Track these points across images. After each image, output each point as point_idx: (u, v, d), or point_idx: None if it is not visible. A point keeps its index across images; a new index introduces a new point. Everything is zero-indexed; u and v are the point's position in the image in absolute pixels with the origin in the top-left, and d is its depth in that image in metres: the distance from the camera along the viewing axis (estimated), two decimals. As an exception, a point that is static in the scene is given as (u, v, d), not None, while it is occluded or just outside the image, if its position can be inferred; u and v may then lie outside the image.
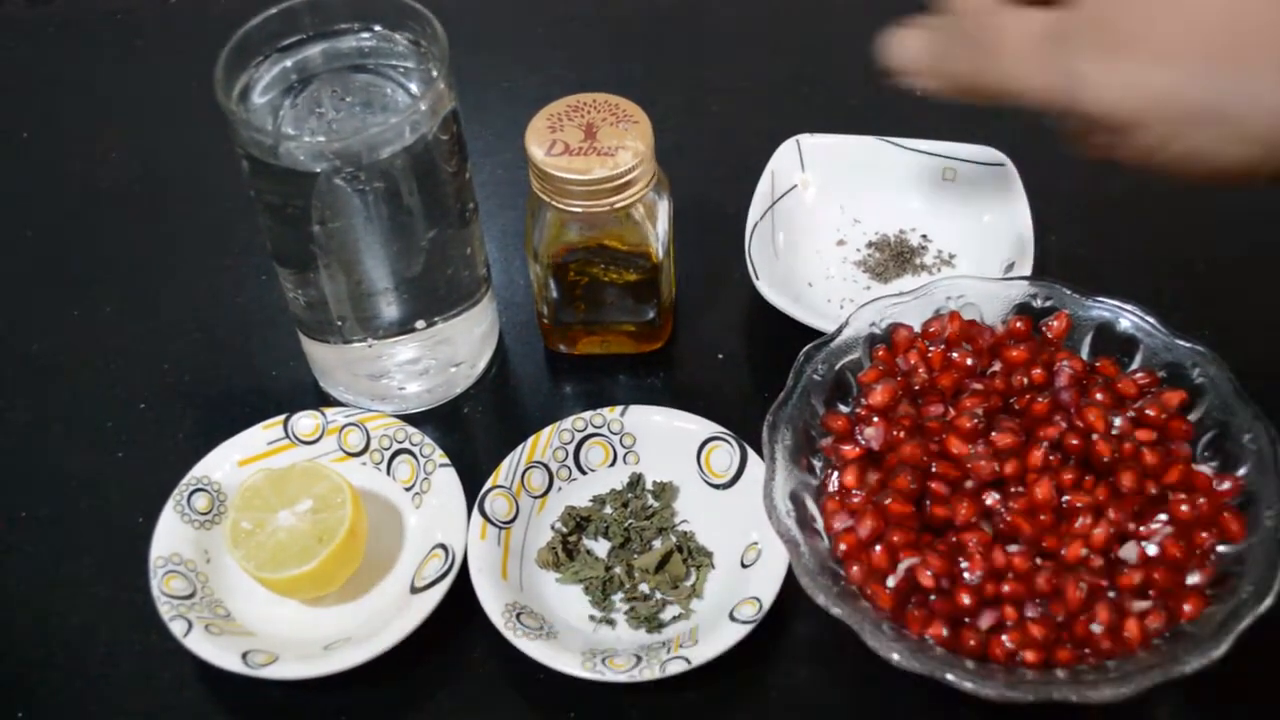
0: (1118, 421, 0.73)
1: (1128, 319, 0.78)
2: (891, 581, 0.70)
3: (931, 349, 0.77)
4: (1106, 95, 0.53)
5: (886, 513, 0.71)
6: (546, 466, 0.81)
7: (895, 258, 0.93)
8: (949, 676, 0.64)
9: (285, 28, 0.76)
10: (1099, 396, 0.74)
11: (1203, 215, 0.95)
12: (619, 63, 1.14)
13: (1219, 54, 0.51)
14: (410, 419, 0.84)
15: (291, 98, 0.76)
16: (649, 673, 0.70)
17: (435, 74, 0.74)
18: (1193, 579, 0.69)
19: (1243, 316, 0.88)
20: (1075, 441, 0.72)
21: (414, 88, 0.76)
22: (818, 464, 0.76)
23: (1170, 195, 0.93)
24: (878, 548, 0.70)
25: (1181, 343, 0.76)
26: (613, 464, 0.82)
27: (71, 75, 1.16)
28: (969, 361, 0.76)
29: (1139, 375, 0.76)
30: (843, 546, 0.71)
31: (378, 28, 0.77)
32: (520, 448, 0.81)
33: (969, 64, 0.59)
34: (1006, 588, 0.68)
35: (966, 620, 0.68)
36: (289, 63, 0.76)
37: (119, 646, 0.77)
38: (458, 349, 0.86)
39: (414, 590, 0.75)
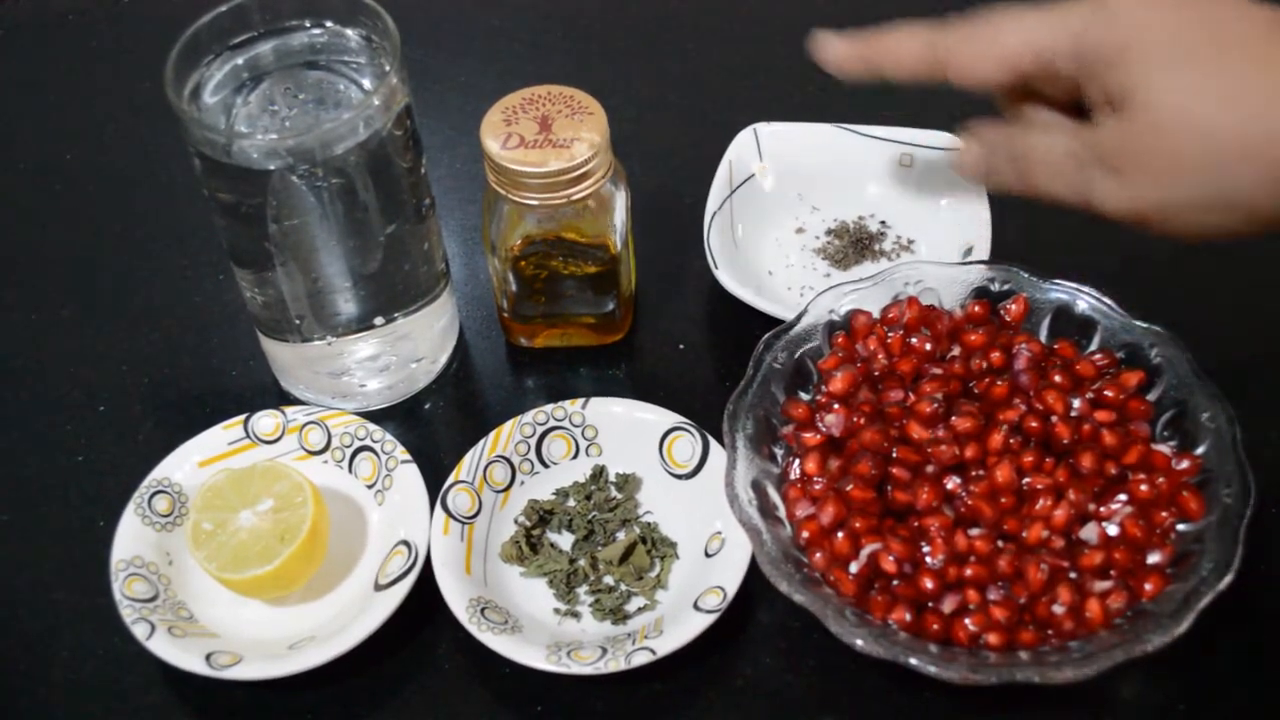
0: (1076, 403, 0.73)
1: (1085, 301, 0.78)
2: (854, 567, 0.70)
3: (891, 335, 0.78)
4: (1114, 205, 0.64)
5: (848, 499, 0.71)
6: (509, 460, 0.81)
7: (854, 244, 0.93)
8: (913, 661, 0.65)
9: (236, 25, 0.75)
10: (1058, 379, 0.74)
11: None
12: (574, 55, 1.14)
13: (1201, 173, 0.59)
14: (371, 416, 0.84)
15: (244, 96, 0.75)
16: (614, 664, 0.70)
17: (388, 69, 0.73)
18: (1153, 558, 0.69)
19: (1200, 297, 0.88)
20: (1035, 424, 0.72)
21: (367, 83, 0.76)
22: (779, 452, 0.76)
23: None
24: (840, 534, 0.70)
25: (1139, 324, 0.77)
26: (575, 456, 0.82)
27: (25, 77, 1.15)
28: (928, 346, 0.76)
29: (1097, 357, 0.76)
30: (805, 534, 0.71)
31: (329, 24, 0.77)
32: (482, 442, 0.80)
33: (1012, 176, 0.70)
34: (969, 571, 0.68)
35: (929, 604, 0.69)
36: (240, 60, 0.76)
37: (81, 651, 0.76)
38: (418, 345, 0.86)
39: (378, 588, 0.74)
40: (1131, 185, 0.63)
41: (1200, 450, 0.72)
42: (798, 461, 0.75)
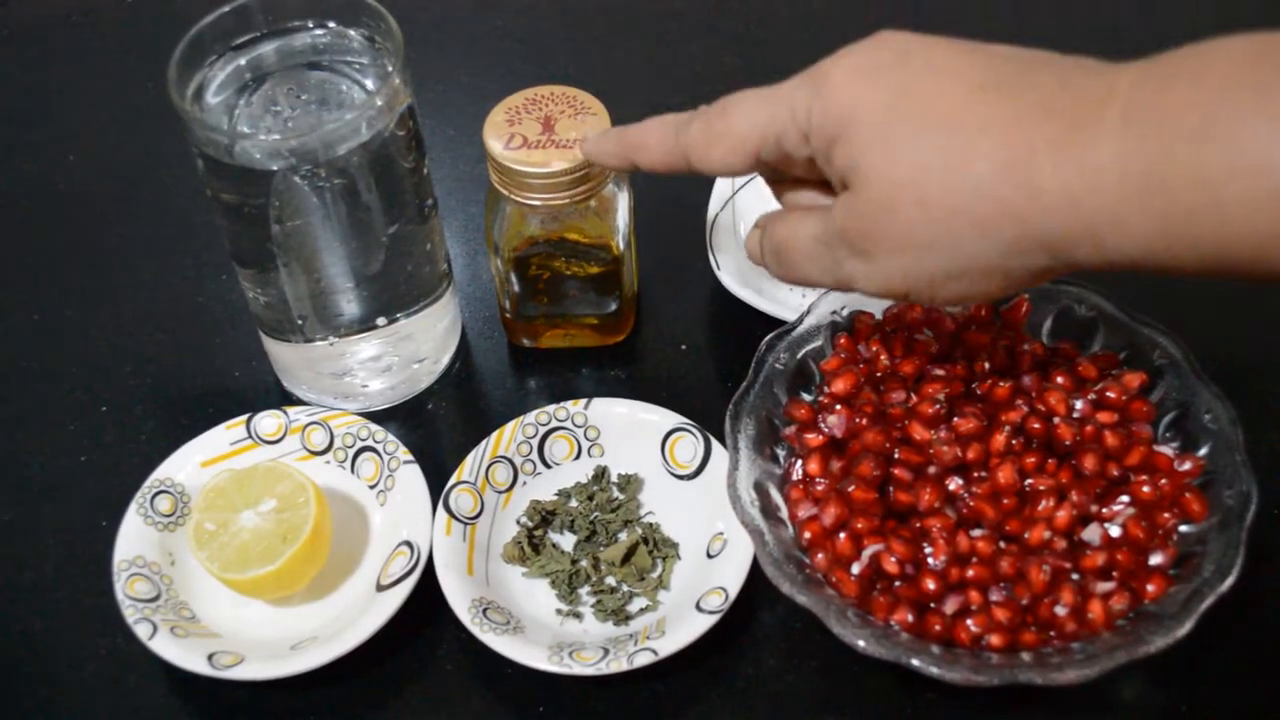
0: (1079, 404, 0.73)
1: (1087, 302, 0.78)
2: (856, 568, 0.70)
3: (893, 336, 0.77)
4: (867, 285, 0.62)
5: (850, 500, 0.71)
6: (511, 461, 0.81)
7: (856, 246, 0.93)
8: (915, 662, 0.65)
9: (238, 26, 0.76)
10: (1060, 380, 0.74)
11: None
12: (577, 55, 1.14)
13: (938, 246, 0.58)
14: (374, 416, 0.84)
15: (246, 96, 0.75)
16: (616, 665, 0.70)
17: (390, 69, 0.73)
18: (1155, 559, 0.69)
19: (1202, 298, 0.88)
20: (1037, 425, 0.72)
21: (369, 84, 0.76)
22: (781, 453, 0.76)
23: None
24: (842, 535, 0.70)
25: (1141, 325, 0.77)
26: (577, 457, 0.82)
27: (28, 77, 1.15)
28: (931, 348, 0.76)
29: (1099, 358, 0.76)
30: (807, 535, 0.71)
31: (332, 24, 0.77)
32: (484, 443, 0.81)
33: (774, 266, 0.68)
34: (971, 572, 0.68)
35: (931, 605, 0.69)
36: (243, 61, 0.76)
37: (84, 651, 0.76)
38: (420, 345, 0.86)
39: (380, 588, 0.74)
40: (876, 263, 0.60)
41: (1202, 452, 0.72)
42: (800, 462, 0.75)
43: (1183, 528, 0.71)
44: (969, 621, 0.67)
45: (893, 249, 0.59)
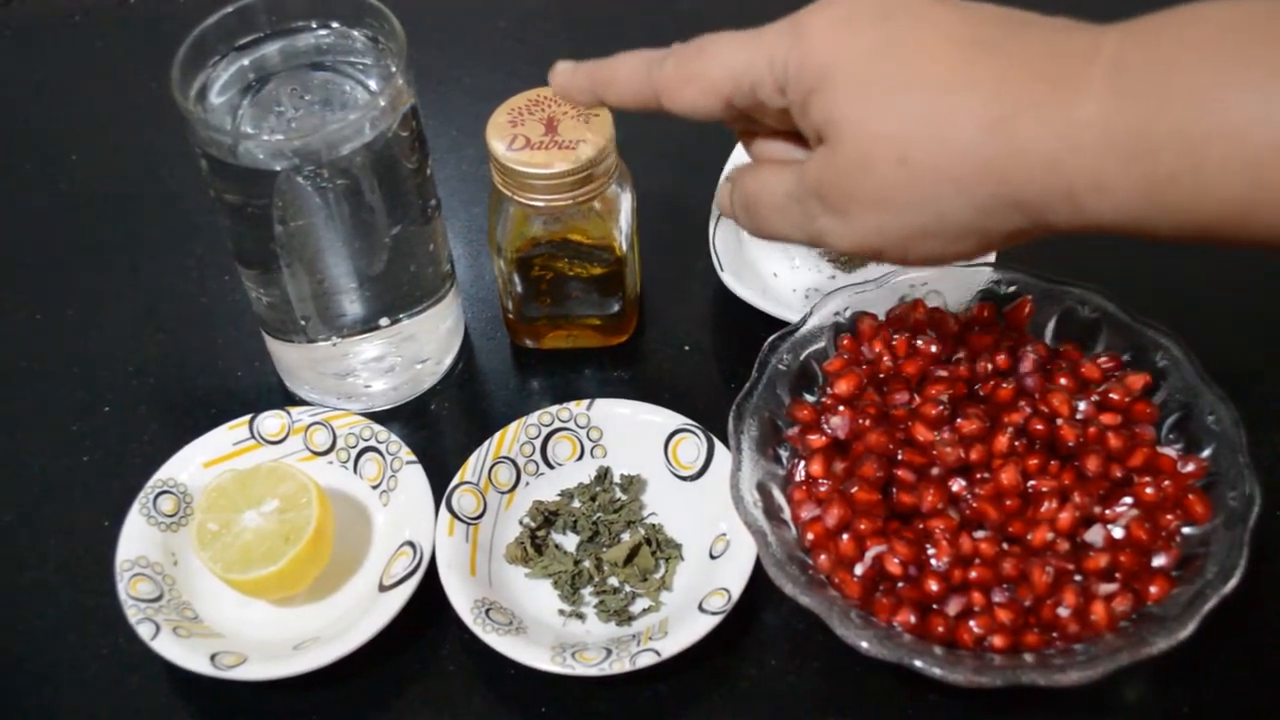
0: (1082, 406, 0.73)
1: (1090, 304, 0.78)
2: (859, 569, 0.70)
3: (896, 337, 0.77)
4: (839, 241, 0.61)
5: (853, 501, 0.71)
6: (513, 461, 0.81)
7: (859, 247, 0.93)
8: (917, 663, 0.65)
9: (242, 26, 0.76)
10: (1063, 381, 0.74)
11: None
12: (580, 56, 1.13)
13: (915, 204, 0.57)
14: (376, 417, 0.84)
15: (250, 96, 0.75)
16: (619, 666, 0.70)
17: (394, 70, 0.73)
18: (1158, 561, 0.69)
19: (1205, 300, 0.88)
20: (1040, 426, 0.72)
21: (373, 84, 0.76)
22: (784, 454, 0.76)
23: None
24: (845, 536, 0.70)
25: (1144, 326, 0.77)
26: (580, 458, 0.82)
27: (30, 77, 1.15)
28: (934, 349, 0.76)
29: (1103, 359, 0.76)
30: (810, 536, 0.71)
31: (335, 25, 0.77)
32: (487, 443, 0.81)
33: (745, 220, 0.66)
34: (974, 573, 0.68)
35: (934, 606, 0.69)
36: (246, 61, 0.76)
37: (86, 651, 0.76)
38: (423, 346, 0.86)
39: (382, 588, 0.75)
40: (850, 220, 0.59)
41: (1206, 453, 0.72)
42: (803, 463, 0.75)
43: (1185, 529, 0.71)
44: (972, 623, 0.67)
45: (868, 206, 0.58)
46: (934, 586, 0.68)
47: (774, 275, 0.92)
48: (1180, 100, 0.50)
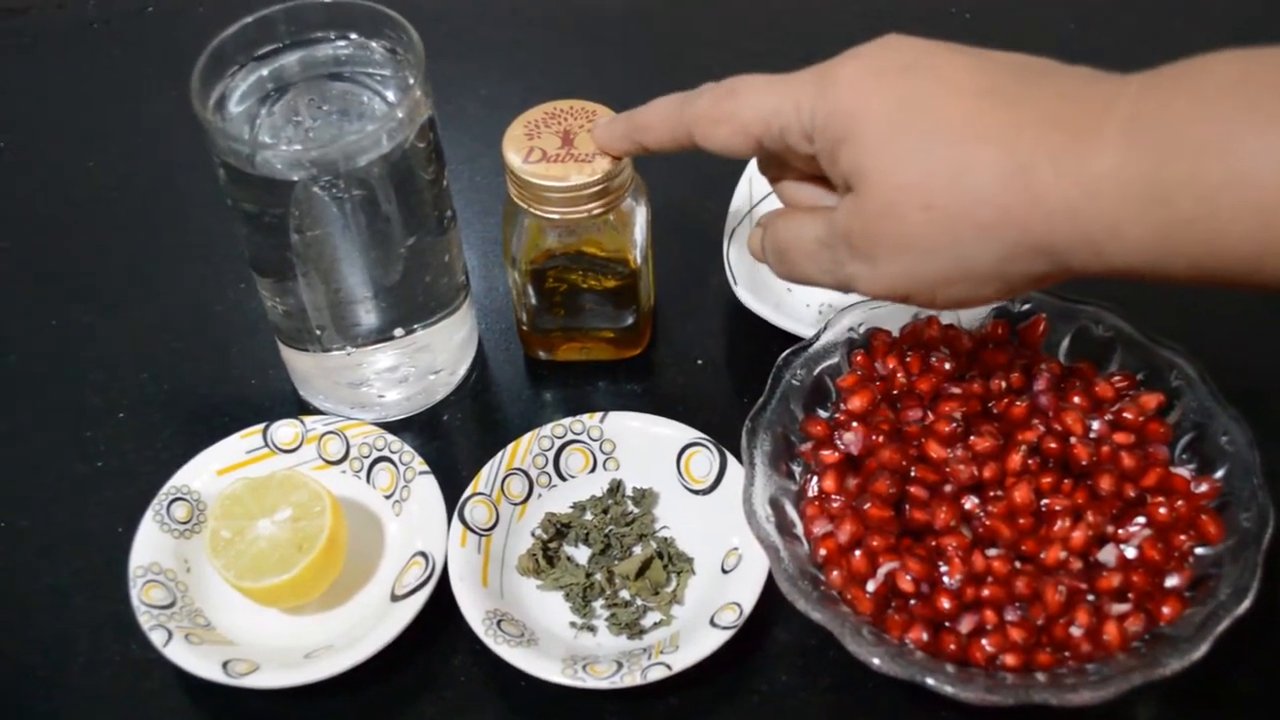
0: (1096, 425, 0.73)
1: (1105, 322, 0.78)
2: (871, 586, 0.70)
3: (910, 353, 0.77)
4: (869, 287, 0.63)
5: (866, 517, 0.71)
6: (526, 473, 0.81)
7: (874, 262, 0.93)
8: (929, 681, 0.65)
9: (261, 36, 0.76)
10: (1077, 400, 0.74)
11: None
12: (596, 69, 1.14)
13: (939, 251, 0.59)
14: (390, 427, 0.84)
15: (268, 106, 0.76)
16: (630, 679, 0.70)
17: (412, 81, 0.74)
18: (1171, 581, 0.69)
19: (1220, 320, 0.88)
20: (1054, 445, 0.72)
21: (391, 95, 0.76)
22: (797, 469, 0.76)
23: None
24: (857, 552, 0.70)
25: (1159, 346, 0.77)
26: (592, 470, 0.82)
27: (48, 84, 1.16)
28: (947, 366, 0.76)
29: (1116, 378, 0.76)
30: (822, 551, 0.71)
31: (354, 36, 0.77)
32: (500, 455, 0.81)
33: (776, 265, 0.69)
34: (986, 591, 0.68)
35: (946, 624, 0.69)
36: (265, 71, 0.76)
37: (99, 657, 0.76)
38: (437, 356, 0.86)
39: (394, 598, 0.75)
40: (878, 266, 0.61)
41: (1219, 474, 0.72)
42: (816, 479, 0.75)
43: (1199, 550, 0.70)
44: (984, 641, 0.67)
45: (895, 252, 0.60)
46: (946, 604, 0.68)
47: (788, 290, 0.92)
48: (1193, 149, 0.52)
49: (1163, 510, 0.70)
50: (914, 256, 0.60)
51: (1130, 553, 0.70)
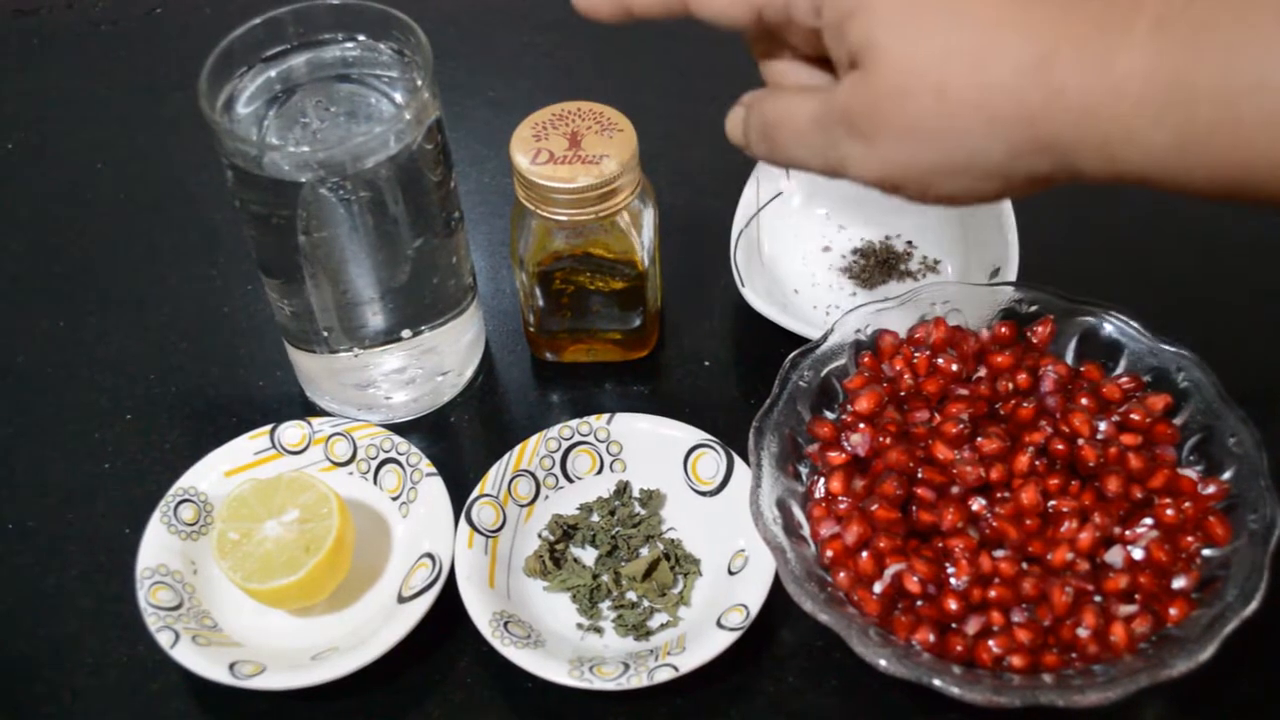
0: (1103, 426, 0.73)
1: (1112, 324, 0.78)
2: (878, 587, 0.70)
3: (917, 355, 0.77)
4: (862, 172, 0.59)
5: (873, 519, 0.71)
6: (533, 475, 0.81)
7: (880, 264, 0.93)
8: (936, 682, 0.64)
9: (269, 38, 0.76)
10: (1084, 401, 0.74)
11: (1188, 222, 0.95)
12: (604, 71, 1.14)
13: (945, 138, 0.56)
14: (397, 428, 0.84)
15: (276, 108, 0.76)
16: (637, 680, 0.70)
17: (419, 83, 0.74)
18: (1178, 583, 0.69)
19: (1227, 321, 0.88)
20: (1061, 446, 0.72)
21: (398, 97, 0.76)
22: (804, 470, 0.76)
23: (1155, 202, 0.93)
24: (864, 554, 0.70)
25: (1166, 347, 0.76)
26: (599, 472, 0.82)
27: (56, 86, 1.16)
28: (954, 367, 0.76)
29: (1124, 380, 0.76)
30: (829, 553, 0.71)
31: (362, 37, 0.77)
32: (507, 456, 0.81)
33: (762, 146, 0.65)
34: (993, 593, 0.68)
35: (953, 625, 0.68)
36: (273, 73, 0.76)
37: (106, 658, 0.76)
38: (444, 358, 0.86)
39: (401, 600, 0.75)
40: (877, 150, 0.58)
41: (1227, 475, 0.72)
42: (822, 480, 0.75)
43: (1206, 551, 0.70)
44: (991, 642, 0.67)
45: (897, 135, 0.57)
46: (953, 605, 0.68)
47: (795, 292, 0.92)
48: (1221, 53, 0.50)
49: (1170, 512, 0.70)
50: (917, 142, 0.57)
51: (1137, 554, 0.69)
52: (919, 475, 0.72)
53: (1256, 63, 0.49)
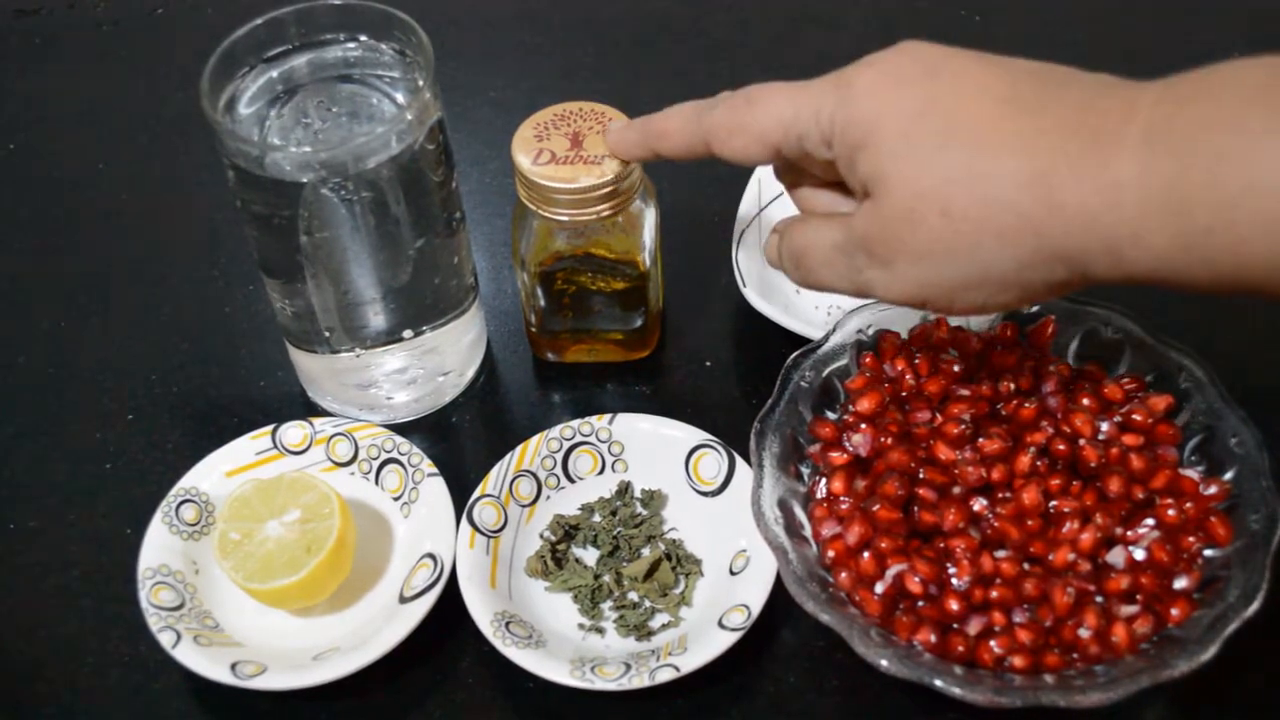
0: (1104, 426, 0.73)
1: (1114, 324, 0.78)
2: (880, 588, 0.70)
3: (918, 355, 0.77)
4: (887, 293, 0.63)
5: (874, 519, 0.71)
6: (535, 475, 0.81)
7: (882, 264, 0.93)
8: (937, 682, 0.64)
9: (271, 38, 0.76)
10: (1085, 402, 0.74)
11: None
12: (605, 71, 1.14)
13: (959, 256, 0.59)
14: (398, 428, 0.84)
15: (278, 108, 0.76)
16: (638, 681, 0.70)
17: (421, 83, 0.74)
18: (1180, 583, 0.69)
19: (1229, 322, 0.88)
20: (1062, 447, 0.72)
21: (400, 97, 0.76)
22: (806, 471, 0.76)
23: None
24: (866, 554, 0.70)
25: (1168, 347, 0.76)
26: (601, 472, 0.82)
27: (58, 86, 1.16)
28: (956, 368, 0.76)
29: (1125, 380, 0.76)
30: (831, 553, 0.71)
31: (364, 38, 0.77)
32: (508, 456, 0.81)
33: (792, 271, 0.69)
34: (994, 593, 0.68)
35: (955, 626, 0.68)
36: (275, 73, 0.76)
37: (107, 658, 0.76)
38: (445, 358, 0.86)
39: (403, 600, 0.75)
40: (897, 273, 0.61)
41: (1228, 475, 0.72)
42: (824, 481, 0.75)
43: (1207, 552, 0.70)
44: (992, 643, 0.67)
45: (913, 258, 0.60)
46: (954, 606, 0.68)
47: (796, 292, 0.92)
48: (1211, 159, 0.51)
49: (1171, 512, 0.70)
50: (932, 262, 0.60)
51: (1139, 554, 0.69)
52: (920, 476, 0.72)
53: (1245, 166, 0.51)
